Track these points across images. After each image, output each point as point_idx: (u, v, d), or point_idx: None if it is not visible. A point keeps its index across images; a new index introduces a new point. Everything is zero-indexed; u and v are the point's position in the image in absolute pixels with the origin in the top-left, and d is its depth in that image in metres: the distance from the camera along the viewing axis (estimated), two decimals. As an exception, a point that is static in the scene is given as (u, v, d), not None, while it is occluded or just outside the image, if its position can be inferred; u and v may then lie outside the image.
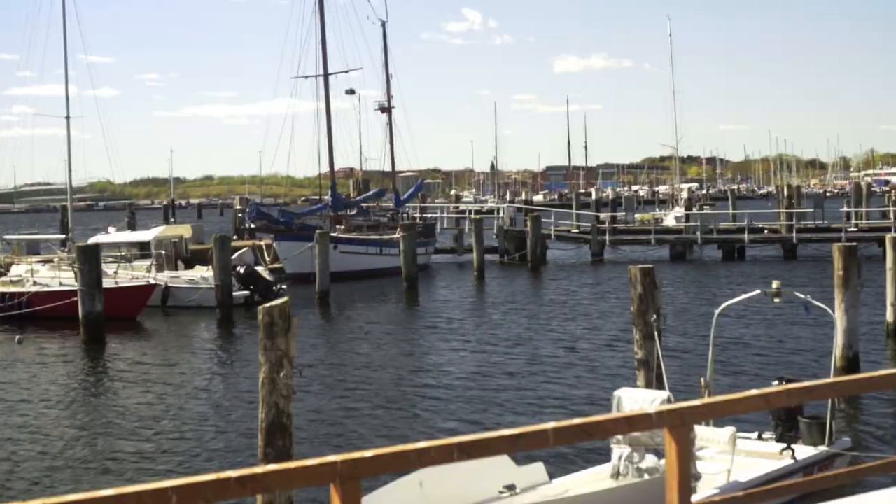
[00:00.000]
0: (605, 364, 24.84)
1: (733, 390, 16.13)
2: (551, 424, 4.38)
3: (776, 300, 14.87)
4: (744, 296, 15.48)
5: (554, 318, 33.89)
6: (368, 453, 3.86)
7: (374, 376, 24.36)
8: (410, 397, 21.84)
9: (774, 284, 14.79)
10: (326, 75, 55.97)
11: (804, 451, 13.68)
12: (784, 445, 13.70)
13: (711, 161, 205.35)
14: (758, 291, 15.11)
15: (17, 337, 31.71)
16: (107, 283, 34.51)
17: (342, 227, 55.17)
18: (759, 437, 14.40)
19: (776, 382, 13.77)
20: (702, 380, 14.98)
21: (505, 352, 27.30)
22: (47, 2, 63.73)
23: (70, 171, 43.05)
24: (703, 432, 13.00)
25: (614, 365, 24.49)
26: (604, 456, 13.40)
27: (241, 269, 39.74)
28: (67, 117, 42.00)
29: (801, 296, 14.84)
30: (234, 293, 37.34)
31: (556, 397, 21.37)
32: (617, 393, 12.77)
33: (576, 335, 29.88)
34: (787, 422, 14.11)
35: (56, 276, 37.38)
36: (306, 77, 55.80)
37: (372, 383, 23.48)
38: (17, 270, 39.03)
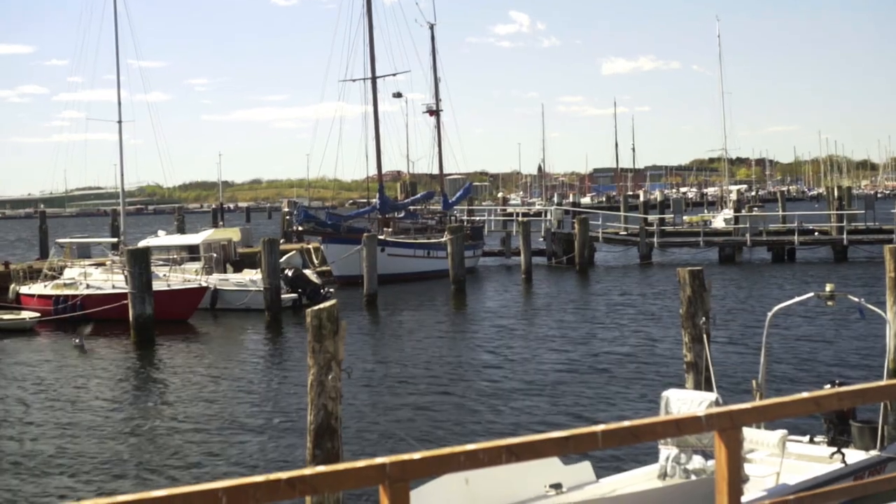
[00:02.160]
0: (654, 365, 24.70)
1: (784, 393, 15.99)
2: (601, 427, 4.36)
3: (829, 303, 14.67)
4: (797, 298, 15.30)
5: (602, 320, 33.76)
6: (417, 455, 3.87)
7: (422, 378, 24.39)
8: (459, 399, 21.84)
9: (828, 287, 14.59)
10: (374, 78, 56.05)
11: (855, 455, 13.50)
12: (835, 449, 13.54)
13: (761, 162, 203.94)
14: (811, 294, 14.91)
15: (76, 339, 31.83)
16: (159, 285, 34.91)
17: (390, 229, 55.27)
18: (811, 441, 14.24)
19: (828, 386, 13.60)
20: (754, 382, 14.86)
21: (553, 353, 27.23)
22: (99, 8, 64.48)
23: (122, 175, 43.53)
24: (753, 435, 12.89)
25: (663, 366, 24.36)
26: (651, 456, 13.34)
27: (290, 272, 40.00)
28: (119, 122, 42.50)
29: (855, 299, 14.64)
30: (282, 296, 37.61)
31: (605, 397, 21.29)
32: (665, 393, 12.71)
33: (625, 337, 29.75)
34: (838, 425, 13.93)
35: (109, 279, 37.83)
36: (354, 80, 55.92)
37: (420, 385, 23.52)
38: (71, 273, 39.57)
